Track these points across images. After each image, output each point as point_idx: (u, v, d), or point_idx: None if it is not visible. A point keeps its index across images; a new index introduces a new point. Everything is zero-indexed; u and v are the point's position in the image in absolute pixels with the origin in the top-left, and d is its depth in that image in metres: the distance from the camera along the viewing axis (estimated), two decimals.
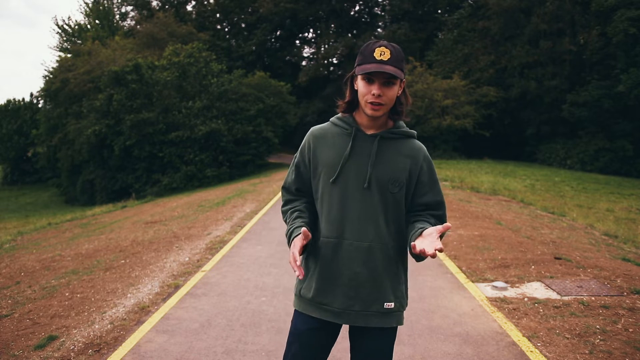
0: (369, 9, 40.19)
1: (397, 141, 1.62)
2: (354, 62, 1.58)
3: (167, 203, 15.45)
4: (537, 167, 23.44)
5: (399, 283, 1.64)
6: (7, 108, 39.74)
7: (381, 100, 1.50)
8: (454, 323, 3.48)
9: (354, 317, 1.58)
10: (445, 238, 6.36)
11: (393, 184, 1.57)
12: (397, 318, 1.63)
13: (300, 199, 1.71)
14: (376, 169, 1.56)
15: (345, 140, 1.60)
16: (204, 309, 3.87)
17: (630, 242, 6.53)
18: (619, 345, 3.00)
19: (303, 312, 1.64)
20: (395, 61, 1.48)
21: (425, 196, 1.64)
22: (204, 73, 25.79)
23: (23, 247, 8.67)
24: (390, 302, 1.59)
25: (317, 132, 1.68)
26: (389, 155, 1.59)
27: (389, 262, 1.60)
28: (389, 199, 1.58)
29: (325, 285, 1.58)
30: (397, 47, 1.53)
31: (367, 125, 1.61)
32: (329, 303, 1.58)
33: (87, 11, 40.45)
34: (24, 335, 3.52)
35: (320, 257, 1.59)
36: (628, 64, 21.91)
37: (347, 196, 1.57)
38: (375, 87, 1.49)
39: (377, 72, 1.46)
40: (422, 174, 1.63)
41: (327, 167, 1.59)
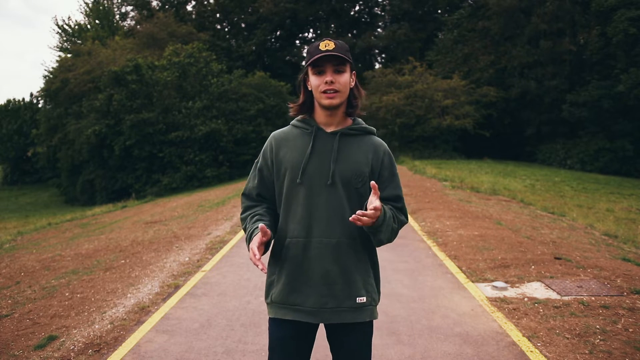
0: (369, 9, 40.21)
1: (357, 137, 1.65)
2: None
3: (167, 203, 15.45)
4: (537, 167, 23.44)
5: (368, 277, 1.65)
6: (7, 108, 39.78)
7: (335, 87, 1.53)
8: (454, 323, 3.48)
9: (328, 314, 1.58)
10: (445, 238, 6.37)
11: (356, 178, 1.60)
12: (370, 312, 1.64)
13: (260, 204, 1.71)
14: (339, 165, 1.59)
15: (306, 140, 1.62)
16: (204, 309, 3.87)
17: (630, 242, 6.53)
18: (619, 345, 3.00)
19: (277, 318, 1.63)
20: (340, 50, 1.53)
21: (385, 190, 1.66)
22: (204, 73, 25.80)
23: (23, 247, 8.67)
24: (362, 297, 1.61)
25: (278, 135, 1.70)
26: (350, 151, 1.62)
27: (358, 256, 1.62)
28: (353, 194, 1.60)
29: (297, 285, 1.59)
30: (341, 41, 1.58)
31: (327, 123, 1.64)
32: (302, 303, 1.58)
33: (87, 11, 40.47)
34: (24, 335, 3.52)
35: (290, 258, 1.59)
36: (628, 64, 21.91)
37: (312, 195, 1.58)
38: (327, 75, 1.53)
39: (325, 57, 1.51)
40: (383, 169, 1.66)
41: (290, 168, 1.60)
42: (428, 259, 5.37)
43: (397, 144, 27.06)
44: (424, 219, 7.81)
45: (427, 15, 37.11)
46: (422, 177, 15.27)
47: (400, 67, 29.16)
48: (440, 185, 12.83)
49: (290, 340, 1.63)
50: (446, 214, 8.08)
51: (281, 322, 1.63)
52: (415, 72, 28.08)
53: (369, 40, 36.33)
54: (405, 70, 28.53)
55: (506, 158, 27.50)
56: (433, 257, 5.47)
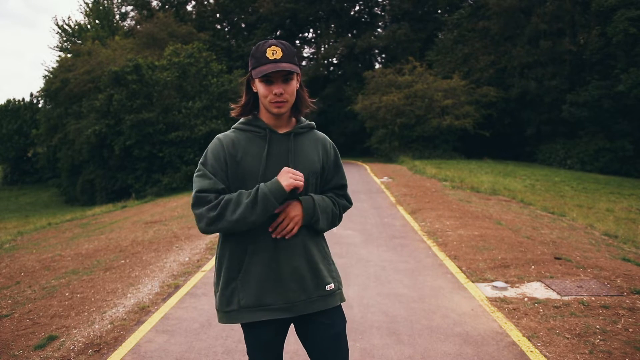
0: (369, 9, 40.17)
1: (306, 135, 1.70)
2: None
3: (167, 203, 15.45)
4: (537, 167, 23.44)
5: (329, 264, 1.72)
6: (7, 108, 39.75)
7: (284, 98, 1.55)
8: (454, 323, 3.48)
9: (301, 307, 1.61)
10: (445, 238, 6.36)
11: (312, 176, 1.65)
12: (340, 296, 1.70)
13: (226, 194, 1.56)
14: (297, 165, 1.61)
15: (260, 143, 1.61)
16: (204, 309, 3.87)
17: (630, 242, 6.52)
18: (619, 345, 3.00)
19: (250, 322, 1.60)
20: (288, 57, 1.53)
21: (332, 181, 1.75)
22: (204, 73, 25.79)
23: (23, 247, 8.67)
24: (330, 284, 1.66)
25: (226, 139, 1.62)
26: (305, 150, 1.66)
27: (318, 247, 1.68)
28: (311, 191, 1.66)
29: (267, 286, 1.59)
30: (286, 43, 1.58)
31: (276, 124, 1.65)
32: (274, 302, 1.59)
33: (87, 11, 40.44)
34: (24, 335, 3.52)
35: (256, 262, 1.59)
36: (628, 64, 21.91)
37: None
38: (276, 86, 1.53)
39: (274, 71, 1.49)
40: (331, 162, 1.73)
41: (249, 174, 1.57)
42: (428, 259, 5.36)
43: (397, 144, 27.05)
44: (424, 219, 7.81)
45: (427, 15, 37.09)
46: (422, 177, 15.27)
47: (400, 67, 29.16)
48: (440, 185, 12.83)
49: (270, 340, 1.67)
50: (446, 214, 8.08)
51: (256, 326, 1.63)
52: (415, 72, 28.07)
53: (369, 40, 36.29)
54: (405, 70, 28.52)
55: (506, 158, 27.50)
56: (433, 257, 5.47)
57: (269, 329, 1.64)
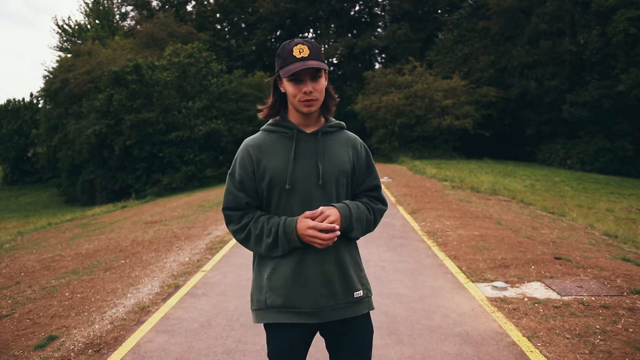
0: (369, 9, 40.20)
1: (335, 134, 1.66)
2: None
3: (167, 203, 15.46)
4: (537, 167, 23.44)
5: (360, 270, 1.68)
6: (7, 108, 39.78)
7: (314, 96, 1.52)
8: (454, 323, 3.48)
9: (328, 313, 1.57)
10: (445, 238, 6.36)
11: (342, 175, 1.61)
12: (368, 304, 1.66)
13: (252, 211, 1.62)
14: (325, 164, 1.58)
15: (287, 143, 1.59)
16: (204, 309, 3.87)
17: (630, 242, 6.52)
18: (619, 345, 2.99)
19: (275, 323, 1.59)
20: (315, 55, 1.50)
21: (364, 182, 1.70)
22: (204, 73, 25.81)
23: (23, 247, 8.67)
24: (359, 291, 1.62)
25: (253, 142, 1.62)
26: (333, 149, 1.62)
27: (350, 252, 1.64)
28: (341, 191, 1.62)
29: (296, 288, 1.56)
30: (312, 41, 1.54)
31: (305, 124, 1.62)
32: (302, 305, 1.56)
33: (87, 11, 40.49)
34: (24, 335, 3.52)
35: (285, 264, 1.57)
36: (628, 64, 21.92)
37: (304, 198, 1.56)
38: (305, 85, 1.50)
39: (302, 70, 1.47)
40: (362, 162, 1.69)
41: (277, 175, 1.55)
42: (428, 259, 5.36)
43: (397, 144, 27.07)
44: (424, 219, 7.81)
45: (427, 15, 37.12)
46: (422, 177, 15.28)
47: (400, 67, 29.18)
48: (440, 185, 12.83)
49: (292, 345, 1.62)
50: (446, 214, 8.08)
51: (282, 327, 1.60)
52: (415, 72, 28.09)
53: (369, 40, 36.32)
54: (405, 70, 28.54)
55: (506, 158, 27.51)
56: (433, 257, 5.47)
57: (292, 334, 1.60)
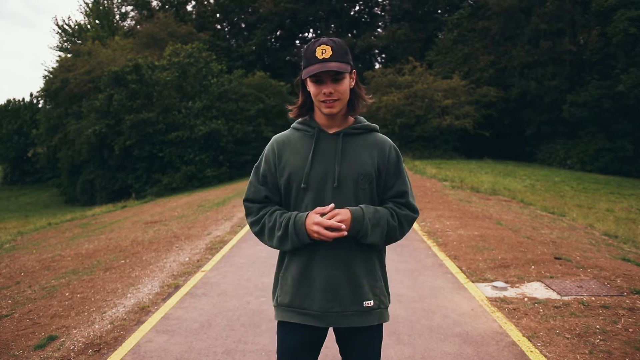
0: (369, 9, 40.20)
1: (361, 136, 1.61)
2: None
3: (167, 203, 15.46)
4: (537, 167, 23.44)
5: (376, 280, 1.61)
6: (7, 108, 39.75)
7: (334, 97, 1.50)
8: (454, 323, 3.48)
9: (334, 318, 1.56)
10: (445, 238, 6.37)
11: (363, 179, 1.56)
12: (379, 316, 1.61)
13: (269, 206, 1.65)
14: (344, 166, 1.55)
15: (308, 142, 1.59)
16: (204, 309, 3.87)
17: (630, 242, 6.52)
18: (619, 345, 2.99)
19: (284, 321, 1.61)
20: (338, 56, 1.48)
21: (392, 188, 1.63)
22: (204, 73, 25.80)
23: (23, 247, 8.67)
24: (370, 301, 1.57)
25: (279, 138, 1.66)
26: (355, 151, 1.58)
27: (365, 260, 1.58)
28: (361, 195, 1.57)
29: (302, 289, 1.57)
30: (338, 41, 1.52)
31: (328, 124, 1.60)
32: (308, 307, 1.56)
33: (87, 11, 40.46)
34: (24, 335, 3.52)
35: (296, 262, 1.58)
36: (628, 64, 21.91)
37: (318, 198, 1.55)
38: (325, 86, 1.49)
39: (322, 71, 1.46)
40: (390, 166, 1.62)
41: (295, 173, 1.57)
42: (428, 259, 5.36)
43: (397, 144, 27.02)
44: (424, 219, 7.81)
45: (427, 15, 37.10)
46: (422, 177, 15.28)
47: (400, 67, 29.17)
48: (440, 185, 12.83)
49: (299, 345, 1.62)
50: (446, 214, 8.08)
51: (289, 327, 1.61)
52: (415, 72, 28.07)
53: (369, 40, 36.33)
54: (405, 70, 28.53)
55: (506, 158, 27.50)
56: (433, 257, 5.47)
57: (299, 334, 1.60)
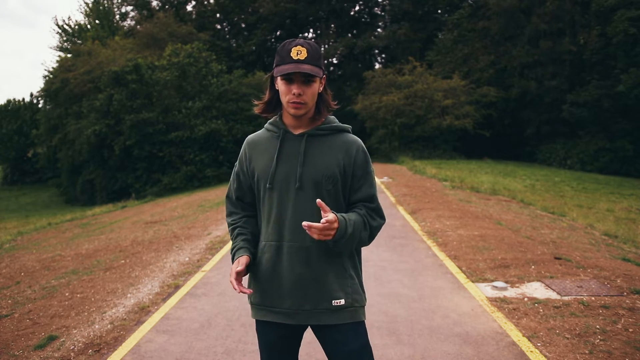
0: (369, 9, 40.19)
1: (328, 137, 1.61)
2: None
3: (167, 203, 15.46)
4: (537, 167, 23.45)
5: (345, 278, 1.60)
6: (7, 108, 39.74)
7: (302, 100, 1.51)
8: (454, 323, 3.48)
9: (305, 316, 1.58)
10: (445, 238, 6.36)
11: (327, 180, 1.56)
12: (352, 314, 1.59)
13: (239, 212, 1.72)
14: (306, 167, 1.56)
15: (275, 143, 1.61)
16: (204, 309, 3.87)
17: (630, 242, 6.53)
18: (619, 345, 3.00)
19: (259, 320, 1.64)
20: (312, 59, 1.48)
21: (359, 190, 1.62)
22: (203, 73, 25.80)
23: (23, 247, 8.67)
24: (339, 299, 1.57)
25: (251, 139, 1.70)
26: (319, 152, 1.58)
27: (333, 259, 1.58)
28: (325, 196, 1.56)
29: (271, 288, 1.59)
30: (313, 44, 1.52)
31: (294, 125, 1.61)
32: (278, 305, 1.58)
33: (87, 11, 40.46)
34: (24, 335, 3.52)
35: (264, 261, 1.60)
36: (628, 64, 21.92)
37: (282, 199, 1.57)
38: (295, 86, 1.49)
39: (295, 72, 1.47)
40: (357, 167, 1.60)
41: (261, 173, 1.60)
42: (428, 259, 5.37)
43: (397, 144, 27.08)
44: (424, 219, 7.81)
45: (427, 15, 37.10)
46: (422, 177, 15.28)
47: (400, 67, 29.17)
48: (440, 185, 12.84)
49: (275, 342, 1.65)
50: (446, 214, 8.08)
51: (265, 324, 1.64)
52: (415, 72, 28.08)
53: (369, 40, 36.31)
54: (405, 70, 28.54)
55: (506, 158, 27.51)
56: (433, 257, 5.47)
57: (274, 331, 1.63)
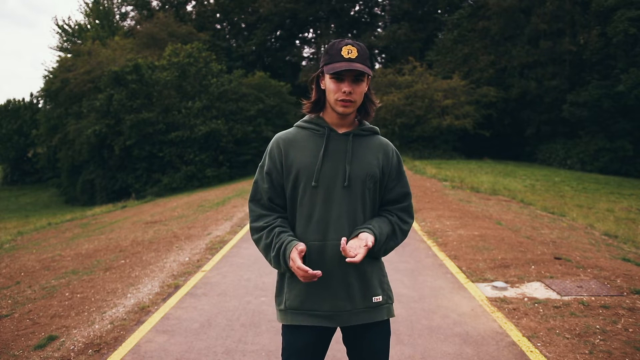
0: (369, 9, 40.20)
1: (367, 138, 1.65)
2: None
3: (167, 203, 15.46)
4: (537, 167, 23.45)
5: (382, 276, 1.66)
6: (7, 108, 39.74)
7: (352, 98, 1.52)
8: (454, 323, 3.48)
9: (346, 317, 1.57)
10: (445, 238, 6.37)
11: (370, 179, 1.59)
12: (387, 310, 1.64)
13: (271, 214, 1.63)
14: (353, 166, 1.58)
15: (318, 141, 1.60)
16: (204, 309, 3.87)
17: (630, 242, 6.53)
18: (619, 345, 3.00)
19: (293, 324, 1.60)
20: (362, 59, 1.51)
21: (394, 189, 1.67)
22: (203, 73, 25.81)
23: (23, 247, 8.67)
24: (378, 296, 1.61)
25: (284, 136, 1.65)
26: (362, 152, 1.61)
27: (372, 256, 1.61)
28: (367, 195, 1.60)
29: (314, 290, 1.56)
30: (362, 45, 1.54)
31: (338, 124, 1.62)
32: (319, 307, 1.56)
33: (87, 11, 40.44)
34: (24, 335, 3.52)
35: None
36: (628, 64, 21.92)
37: (328, 197, 1.56)
38: (346, 84, 1.51)
39: (347, 70, 1.48)
40: (393, 168, 1.66)
41: (303, 171, 1.57)
42: (428, 259, 5.37)
43: (397, 144, 27.07)
44: (424, 219, 7.81)
45: (427, 15, 37.11)
46: (422, 177, 15.28)
47: (400, 67, 29.17)
48: (440, 185, 12.84)
49: (307, 347, 1.61)
50: (446, 214, 8.08)
51: (297, 329, 1.59)
52: (415, 72, 28.08)
53: (369, 40, 36.31)
54: (405, 70, 28.53)
55: (506, 158, 27.50)
56: (433, 257, 5.47)
57: (308, 335, 1.59)
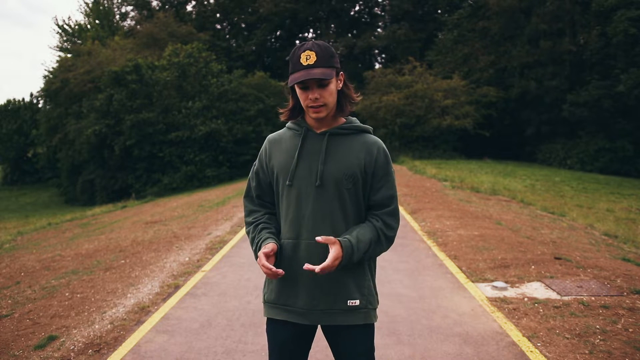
0: (369, 9, 40.18)
1: (349, 137, 1.61)
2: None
3: (167, 203, 15.46)
4: (537, 167, 23.44)
5: (364, 280, 1.61)
6: (7, 108, 39.72)
7: (320, 102, 1.51)
8: (454, 323, 3.48)
9: (318, 315, 1.57)
10: (445, 238, 6.37)
11: (347, 179, 1.56)
12: (365, 316, 1.60)
13: (260, 210, 1.71)
14: (327, 166, 1.56)
15: (296, 141, 1.62)
16: (204, 309, 3.87)
17: (630, 242, 6.53)
18: (619, 345, 3.00)
19: (272, 318, 1.64)
20: (322, 62, 1.48)
21: (379, 191, 1.61)
22: (203, 73, 25.81)
23: (23, 247, 8.67)
24: (355, 300, 1.57)
25: (272, 137, 1.71)
26: (341, 151, 1.58)
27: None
28: (345, 195, 1.57)
29: (287, 286, 1.59)
30: (322, 45, 1.51)
31: (317, 125, 1.62)
32: (292, 303, 1.58)
33: (87, 11, 40.47)
34: (24, 335, 3.52)
35: (282, 259, 1.59)
36: (628, 64, 21.90)
37: (301, 196, 1.57)
38: (311, 92, 1.50)
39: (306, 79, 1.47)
40: (377, 168, 1.60)
41: (281, 170, 1.61)
42: (428, 259, 5.37)
43: (397, 144, 27.07)
44: (424, 219, 7.81)
45: (427, 15, 37.10)
46: (422, 177, 15.27)
47: (400, 67, 29.16)
48: (440, 185, 12.83)
49: (287, 341, 1.64)
50: (446, 214, 8.08)
51: (276, 323, 1.64)
52: (415, 72, 28.07)
53: (369, 40, 36.29)
54: (405, 70, 28.53)
55: (506, 158, 27.49)
56: (433, 257, 5.47)
57: (286, 330, 1.62)
